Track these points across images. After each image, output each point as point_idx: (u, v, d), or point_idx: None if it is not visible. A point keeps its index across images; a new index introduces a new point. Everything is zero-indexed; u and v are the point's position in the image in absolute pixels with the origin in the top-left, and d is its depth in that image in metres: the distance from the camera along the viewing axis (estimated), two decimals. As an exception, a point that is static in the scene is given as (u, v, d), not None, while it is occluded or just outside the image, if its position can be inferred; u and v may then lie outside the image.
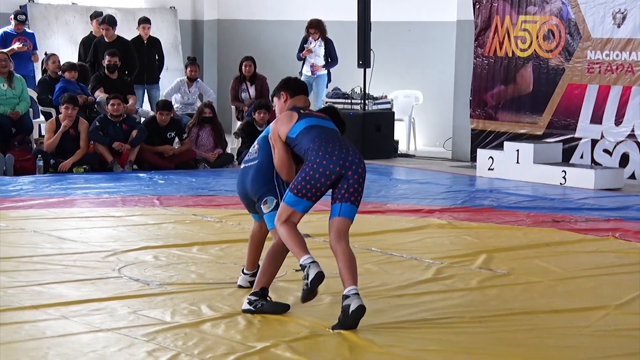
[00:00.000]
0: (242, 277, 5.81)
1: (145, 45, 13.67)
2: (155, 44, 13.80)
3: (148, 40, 13.72)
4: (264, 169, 5.43)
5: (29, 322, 4.98)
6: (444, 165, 12.51)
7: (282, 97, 5.44)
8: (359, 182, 5.16)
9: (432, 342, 4.80)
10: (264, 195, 5.41)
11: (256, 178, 5.44)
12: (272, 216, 5.34)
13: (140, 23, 13.78)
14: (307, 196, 5.14)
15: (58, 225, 7.76)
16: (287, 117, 5.29)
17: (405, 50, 14.63)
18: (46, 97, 12.27)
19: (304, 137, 5.18)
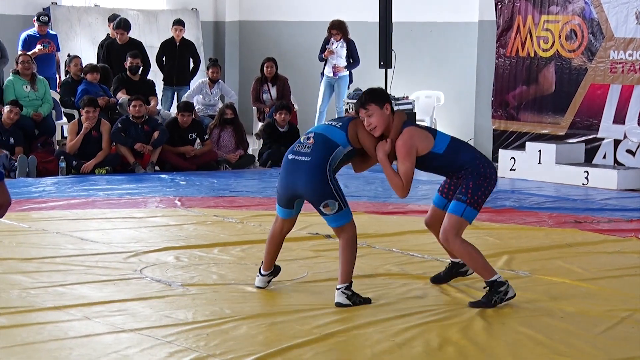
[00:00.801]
0: (259, 278, 5.80)
1: (178, 47, 13.73)
2: (189, 47, 13.85)
3: (180, 42, 13.78)
4: (322, 169, 5.36)
5: (52, 323, 5.00)
6: (466, 166, 12.45)
7: (387, 109, 5.38)
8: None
9: (452, 343, 4.78)
10: (324, 197, 5.36)
11: (313, 178, 5.36)
12: (337, 218, 5.38)
13: (174, 25, 13.85)
14: (480, 206, 5.42)
15: (80, 226, 7.79)
16: (422, 134, 5.37)
17: (427, 51, 14.60)
18: (69, 99, 12.34)
19: (458, 152, 5.37)
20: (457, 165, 5.38)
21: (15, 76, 11.74)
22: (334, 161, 5.40)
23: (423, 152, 5.33)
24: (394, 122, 5.37)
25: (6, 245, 6.90)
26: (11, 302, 5.36)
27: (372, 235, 7.51)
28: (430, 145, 5.34)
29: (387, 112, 5.37)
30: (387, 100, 5.41)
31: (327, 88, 14.22)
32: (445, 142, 5.39)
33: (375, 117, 5.35)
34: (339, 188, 5.40)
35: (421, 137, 5.33)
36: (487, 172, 5.37)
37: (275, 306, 5.42)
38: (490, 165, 5.47)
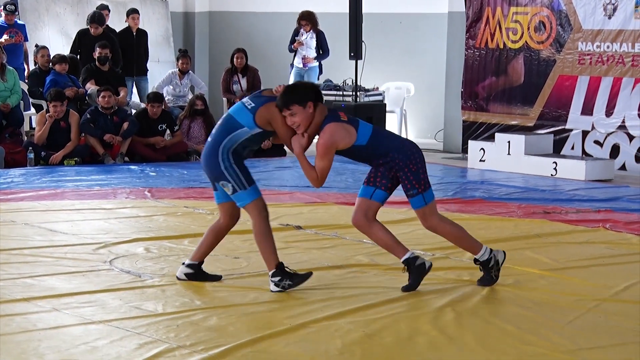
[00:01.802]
0: (181, 268, 5.68)
1: (135, 36, 13.64)
2: (144, 36, 13.78)
3: (137, 31, 13.69)
4: (215, 149, 5.37)
5: (20, 315, 4.97)
6: (436, 157, 12.52)
7: (310, 107, 5.32)
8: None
9: (422, 333, 4.80)
10: (217, 178, 5.39)
11: (208, 158, 5.41)
12: (237, 199, 5.39)
13: (130, 14, 13.76)
14: (429, 184, 5.53)
15: (49, 217, 7.74)
16: (344, 130, 5.33)
17: (397, 42, 14.62)
18: (37, 90, 12.24)
19: (380, 142, 5.40)
20: (380, 153, 5.41)
21: (-17, 67, 11.63)
22: (233, 142, 5.37)
23: (345, 147, 5.36)
24: (315, 118, 5.33)
25: (-26, 237, 6.84)
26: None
27: (342, 226, 7.52)
28: (352, 140, 5.34)
29: (310, 110, 5.32)
30: (309, 97, 5.32)
31: (297, 79, 14.19)
32: (368, 134, 5.39)
33: (298, 116, 5.31)
34: (234, 169, 5.36)
35: (342, 134, 5.32)
36: (412, 152, 5.46)
37: (246, 297, 5.42)
38: (410, 145, 5.57)
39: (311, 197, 9.04)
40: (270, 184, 9.95)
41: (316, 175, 5.43)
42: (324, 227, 7.46)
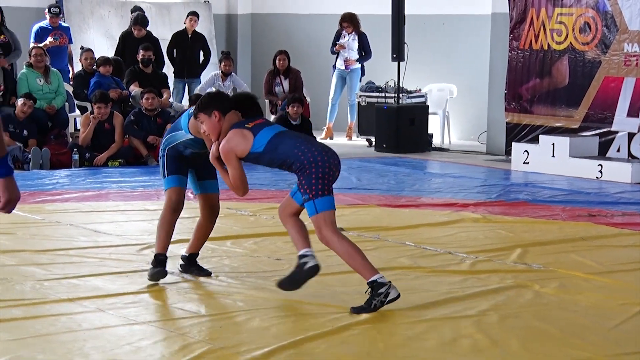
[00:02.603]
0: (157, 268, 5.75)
1: (190, 39, 13.73)
2: (200, 39, 13.86)
3: (192, 34, 13.78)
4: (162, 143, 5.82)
5: (66, 315, 5.01)
6: (479, 159, 12.45)
7: (215, 116, 5.37)
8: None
9: (466, 336, 4.77)
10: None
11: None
12: (163, 182, 5.79)
13: (188, 16, 13.86)
14: (329, 190, 5.23)
15: (93, 218, 7.81)
16: (240, 135, 5.31)
17: (440, 44, 14.56)
18: (81, 92, 12.36)
19: (277, 147, 5.24)
20: (280, 160, 5.28)
21: (29, 69, 11.77)
22: (173, 140, 5.70)
23: (243, 154, 5.33)
24: (223, 126, 5.39)
25: (20, 237, 6.92)
26: (25, 294, 5.37)
27: (384, 228, 7.51)
28: (248, 146, 5.29)
29: (215, 119, 5.37)
30: (216, 107, 5.38)
31: (339, 81, 14.21)
32: (265, 140, 5.28)
33: (206, 125, 5.41)
34: (164, 159, 5.72)
35: (238, 140, 5.30)
36: (308, 157, 5.18)
37: (287, 299, 5.42)
38: (312, 149, 5.22)
39: (353, 199, 9.03)
40: (313, 185, 9.94)
41: (231, 184, 5.44)
42: (366, 229, 7.45)
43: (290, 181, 10.17)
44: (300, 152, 5.20)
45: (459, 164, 11.89)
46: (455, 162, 12.14)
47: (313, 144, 5.31)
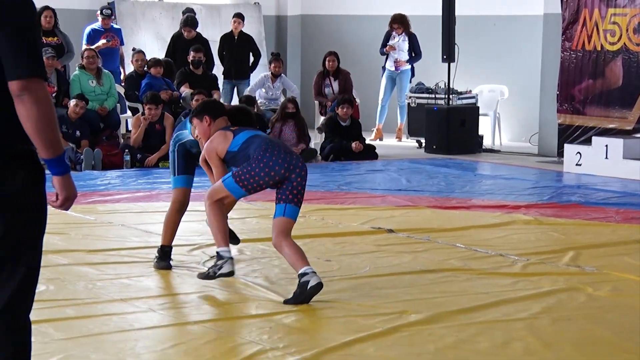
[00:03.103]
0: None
1: (236, 40, 13.79)
2: (248, 41, 13.92)
3: (239, 35, 13.84)
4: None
5: (118, 315, 5.06)
6: (530, 161, 12.33)
7: (206, 121, 5.74)
8: (302, 184, 5.49)
9: (518, 339, 4.72)
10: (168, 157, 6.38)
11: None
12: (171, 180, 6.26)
13: (233, 18, 13.92)
14: (247, 187, 5.52)
15: (145, 219, 7.87)
16: (222, 135, 5.67)
17: (491, 45, 14.46)
18: (133, 93, 12.47)
19: (249, 145, 5.55)
20: (246, 157, 5.56)
21: (81, 71, 11.90)
22: (181, 138, 6.07)
23: (222, 153, 5.64)
24: (211, 131, 5.74)
25: (72, 238, 6.99)
26: (78, 294, 5.43)
27: (435, 229, 7.46)
28: (226, 146, 5.62)
29: (206, 124, 5.74)
30: (207, 112, 5.76)
31: (389, 82, 14.17)
32: (241, 140, 5.61)
33: (198, 129, 5.81)
34: (174, 156, 6.12)
35: (219, 140, 5.65)
36: (263, 158, 5.46)
37: (338, 300, 5.40)
38: (270, 154, 5.47)
39: (403, 201, 8.99)
40: (362, 186, 9.94)
41: (214, 182, 5.72)
42: (416, 230, 7.41)
43: (340, 182, 10.17)
44: (259, 149, 5.50)
45: (510, 166, 11.79)
46: (506, 163, 12.03)
47: (281, 151, 5.52)
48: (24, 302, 3.21)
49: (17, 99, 3.10)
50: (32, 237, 3.21)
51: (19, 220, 3.14)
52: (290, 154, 5.55)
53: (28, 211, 3.18)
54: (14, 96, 3.11)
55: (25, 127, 3.11)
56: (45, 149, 3.14)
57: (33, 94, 3.10)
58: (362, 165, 11.56)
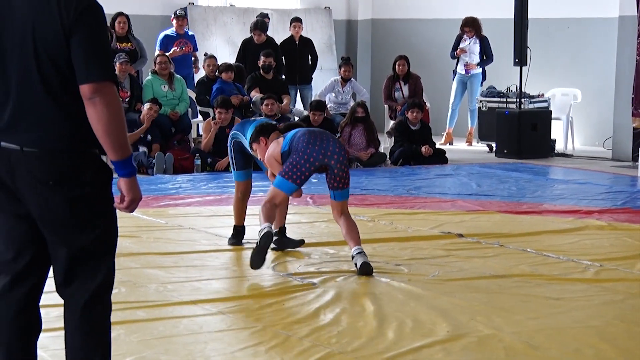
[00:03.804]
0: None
1: (297, 45, 13.83)
2: (308, 44, 13.95)
3: (300, 40, 13.88)
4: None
5: (188, 317, 5.10)
6: (604, 165, 12.13)
7: (262, 142, 6.38)
8: (342, 169, 6.11)
9: (590, 345, 4.65)
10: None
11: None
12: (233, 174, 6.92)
13: (292, 22, 13.97)
14: (293, 179, 6.07)
15: (214, 222, 7.92)
16: (275, 143, 6.32)
17: (564, 48, 14.27)
18: (204, 98, 12.59)
19: (293, 140, 6.16)
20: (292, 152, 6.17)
21: (154, 76, 12.05)
22: (239, 137, 6.67)
23: (278, 156, 6.26)
24: (268, 146, 6.37)
25: (144, 241, 7.07)
26: (149, 296, 5.49)
27: (505, 234, 7.39)
28: (279, 148, 6.25)
29: (263, 144, 6.39)
30: (262, 134, 6.39)
31: (460, 86, 14.08)
32: (288, 138, 6.23)
33: (258, 152, 6.45)
34: (232, 152, 6.77)
35: (274, 147, 6.29)
36: (301, 148, 6.07)
37: (406, 305, 5.38)
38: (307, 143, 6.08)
39: (473, 205, 8.92)
40: (432, 191, 9.88)
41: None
42: (486, 235, 7.34)
43: (409, 187, 10.13)
44: (303, 140, 6.09)
45: (583, 170, 11.61)
46: (579, 168, 11.86)
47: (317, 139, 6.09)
48: (105, 300, 3.34)
49: (89, 101, 3.18)
50: (109, 237, 3.31)
51: (94, 220, 3.25)
52: (328, 140, 6.10)
53: (102, 211, 3.28)
54: (85, 99, 3.19)
55: (96, 129, 3.20)
56: (114, 151, 3.21)
57: (104, 97, 3.18)
58: (432, 170, 11.49)
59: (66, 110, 3.22)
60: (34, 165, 3.21)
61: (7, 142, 3.23)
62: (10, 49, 3.22)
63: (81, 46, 3.17)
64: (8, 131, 3.24)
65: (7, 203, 3.31)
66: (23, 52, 3.20)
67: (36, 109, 3.22)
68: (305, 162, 6.02)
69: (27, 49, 3.19)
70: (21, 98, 3.22)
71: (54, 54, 3.18)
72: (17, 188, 3.25)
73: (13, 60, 3.22)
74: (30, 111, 3.22)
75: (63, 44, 3.17)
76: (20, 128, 3.23)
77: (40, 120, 3.22)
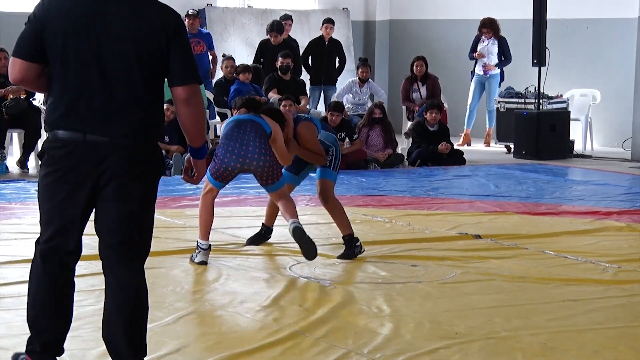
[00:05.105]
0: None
1: (326, 46, 13.84)
2: (337, 46, 13.96)
3: (329, 41, 13.89)
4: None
5: (204, 317, 5.12)
6: (623, 166, 12.07)
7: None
8: (265, 170, 6.28)
9: (609, 347, 4.62)
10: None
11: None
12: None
13: (324, 23, 13.98)
14: (218, 179, 6.40)
15: (232, 223, 7.93)
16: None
17: (582, 48, 14.21)
18: (222, 99, 12.60)
19: (222, 135, 6.43)
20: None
21: (171, 77, 12.06)
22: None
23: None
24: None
25: (162, 241, 7.07)
26: (166, 297, 5.50)
27: (523, 235, 7.36)
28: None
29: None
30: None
31: (478, 86, 14.04)
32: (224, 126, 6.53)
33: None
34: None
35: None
36: (219, 152, 6.41)
37: (423, 306, 5.37)
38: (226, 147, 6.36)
39: (491, 206, 8.89)
40: (450, 192, 9.86)
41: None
42: (503, 236, 7.31)
43: (427, 188, 10.10)
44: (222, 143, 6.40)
45: (602, 171, 11.55)
46: (598, 169, 11.80)
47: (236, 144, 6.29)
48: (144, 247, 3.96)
49: (184, 102, 3.79)
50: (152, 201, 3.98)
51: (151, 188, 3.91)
52: (247, 144, 6.26)
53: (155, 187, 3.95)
54: (179, 100, 3.79)
55: (188, 124, 3.86)
56: (199, 140, 3.94)
57: (198, 98, 3.81)
58: (450, 171, 11.46)
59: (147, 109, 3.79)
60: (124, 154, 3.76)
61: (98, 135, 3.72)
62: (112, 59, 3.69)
63: (178, 54, 3.74)
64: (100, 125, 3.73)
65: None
66: (125, 60, 3.68)
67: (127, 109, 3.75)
68: (223, 168, 6.32)
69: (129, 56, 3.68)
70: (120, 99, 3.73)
71: (152, 63, 3.72)
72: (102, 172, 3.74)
73: (114, 67, 3.69)
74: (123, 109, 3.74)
75: (163, 54, 3.72)
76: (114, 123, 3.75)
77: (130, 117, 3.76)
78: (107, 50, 3.68)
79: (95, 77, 3.68)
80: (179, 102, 3.78)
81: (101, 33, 3.67)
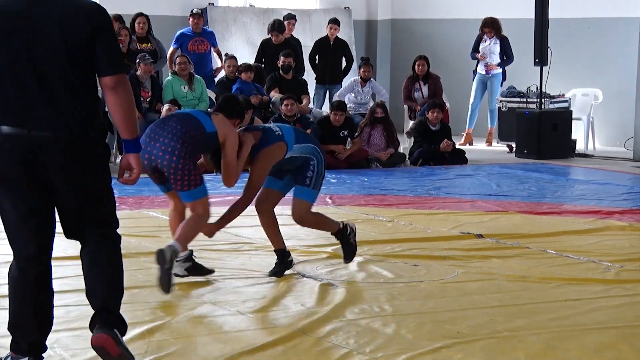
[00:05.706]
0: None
1: (332, 46, 13.86)
2: (342, 46, 13.97)
3: (334, 41, 13.91)
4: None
5: (208, 317, 5.12)
6: (625, 166, 12.07)
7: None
8: (171, 172, 5.66)
9: (610, 347, 4.62)
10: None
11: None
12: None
13: (329, 23, 14.00)
14: (155, 182, 5.88)
15: (234, 222, 7.89)
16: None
17: (585, 48, 14.21)
18: (224, 98, 12.59)
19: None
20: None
21: (174, 76, 12.08)
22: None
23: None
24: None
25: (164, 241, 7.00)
26: (168, 296, 5.49)
27: (524, 235, 7.36)
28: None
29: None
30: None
31: (480, 86, 14.04)
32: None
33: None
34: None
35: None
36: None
37: (425, 305, 5.38)
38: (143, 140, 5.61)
39: (493, 206, 8.89)
40: (452, 191, 9.86)
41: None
42: (505, 236, 7.31)
43: (429, 187, 10.11)
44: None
45: (604, 171, 11.55)
46: (600, 168, 11.80)
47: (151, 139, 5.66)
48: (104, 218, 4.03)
49: (111, 90, 3.87)
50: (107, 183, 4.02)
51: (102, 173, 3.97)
52: (157, 139, 5.62)
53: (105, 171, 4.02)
54: (107, 89, 3.87)
55: (116, 113, 3.90)
56: (129, 131, 3.94)
57: (125, 86, 3.90)
58: (452, 170, 11.47)
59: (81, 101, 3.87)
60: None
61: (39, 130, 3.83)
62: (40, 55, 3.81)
63: (102, 44, 3.85)
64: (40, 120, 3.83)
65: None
66: (55, 55, 3.80)
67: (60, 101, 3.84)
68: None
69: (60, 52, 3.80)
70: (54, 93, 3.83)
71: (80, 54, 3.82)
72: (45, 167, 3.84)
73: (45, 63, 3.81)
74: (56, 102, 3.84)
75: (90, 45, 3.83)
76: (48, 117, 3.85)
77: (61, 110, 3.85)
78: (37, 47, 3.81)
79: (28, 73, 3.81)
80: (107, 91, 3.89)
81: (29, 31, 3.81)
